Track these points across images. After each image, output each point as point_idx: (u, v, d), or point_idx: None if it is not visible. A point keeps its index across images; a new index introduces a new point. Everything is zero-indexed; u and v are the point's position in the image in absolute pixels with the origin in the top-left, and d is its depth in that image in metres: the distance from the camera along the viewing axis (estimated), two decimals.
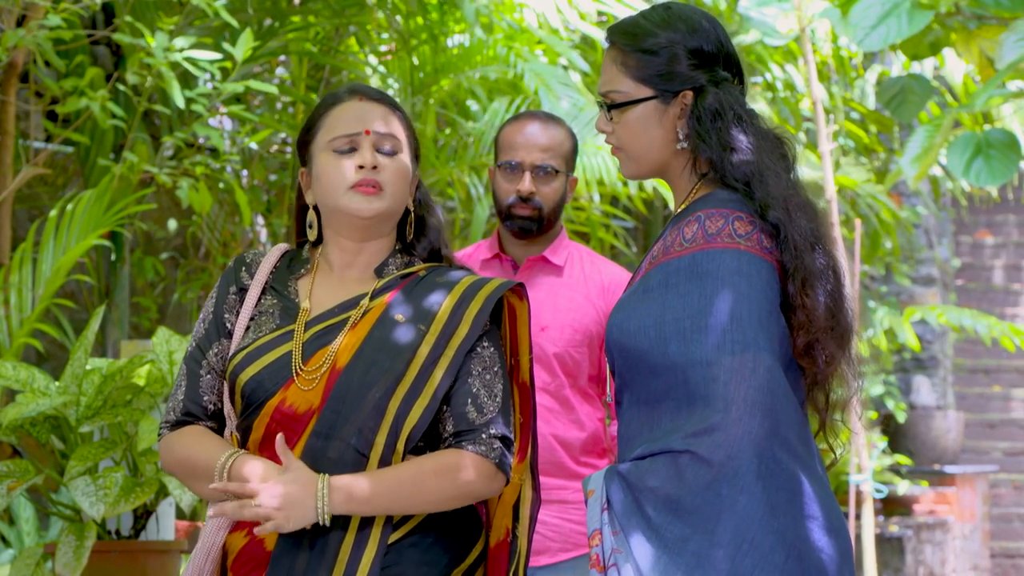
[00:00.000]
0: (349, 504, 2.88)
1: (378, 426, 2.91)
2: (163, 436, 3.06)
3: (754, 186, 2.97)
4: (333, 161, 3.03)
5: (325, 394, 2.92)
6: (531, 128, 4.34)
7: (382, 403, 2.92)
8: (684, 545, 2.80)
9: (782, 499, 2.82)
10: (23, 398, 4.61)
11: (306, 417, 2.93)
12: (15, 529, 5.54)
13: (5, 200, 5.83)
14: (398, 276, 3.06)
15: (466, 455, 2.95)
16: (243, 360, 2.98)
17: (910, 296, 13.15)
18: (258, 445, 2.97)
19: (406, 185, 3.06)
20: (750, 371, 2.82)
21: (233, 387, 3.00)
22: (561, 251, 4.38)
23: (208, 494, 2.96)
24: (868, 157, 11.08)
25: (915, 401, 13.12)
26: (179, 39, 5.85)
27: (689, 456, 2.80)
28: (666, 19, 3.04)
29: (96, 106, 5.72)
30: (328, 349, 2.96)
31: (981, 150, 5.46)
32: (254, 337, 3.02)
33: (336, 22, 7.01)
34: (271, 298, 3.07)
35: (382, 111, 3.07)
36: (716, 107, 3.01)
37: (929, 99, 6.08)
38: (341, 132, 3.03)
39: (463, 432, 2.97)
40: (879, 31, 5.55)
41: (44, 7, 5.66)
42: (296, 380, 2.94)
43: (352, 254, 3.08)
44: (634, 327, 2.92)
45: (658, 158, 3.05)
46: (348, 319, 3.00)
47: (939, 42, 5.94)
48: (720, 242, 2.91)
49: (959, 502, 12.35)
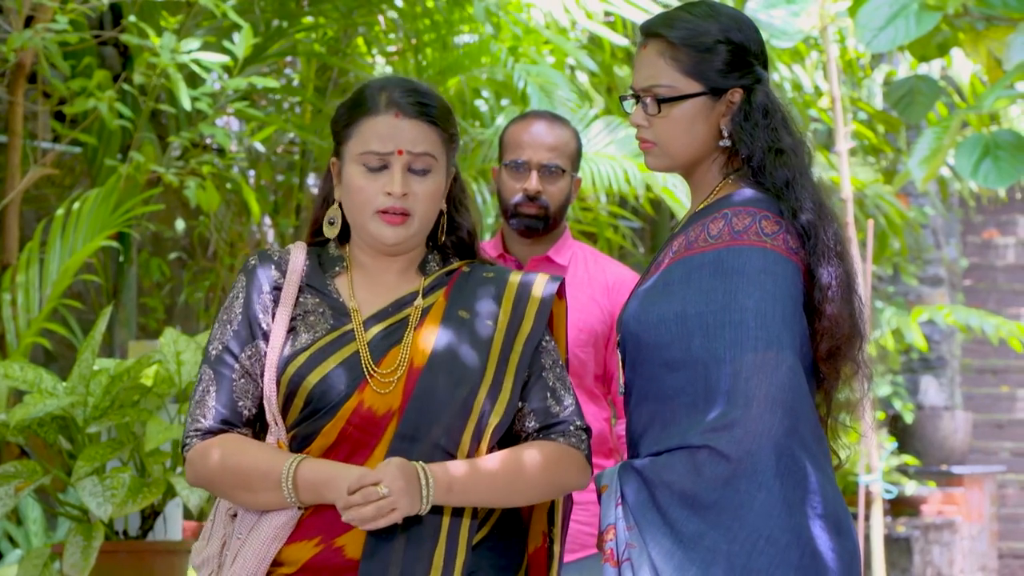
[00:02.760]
0: (449, 492, 2.77)
1: (464, 425, 2.82)
2: (192, 445, 2.87)
3: (792, 188, 2.98)
4: (362, 178, 2.91)
5: (405, 395, 2.82)
6: (537, 127, 4.36)
7: (468, 402, 2.83)
8: (700, 541, 2.80)
9: (798, 497, 2.83)
10: (31, 399, 4.61)
11: (386, 419, 2.82)
12: (23, 529, 5.54)
13: (13, 201, 5.83)
14: (443, 273, 2.99)
15: (560, 447, 2.88)
16: (308, 361, 2.85)
17: (918, 296, 13.13)
18: (325, 451, 2.83)
19: (437, 203, 2.96)
20: (772, 368, 2.83)
21: (294, 391, 2.85)
22: (565, 251, 4.39)
23: (264, 504, 2.81)
24: (876, 157, 11.07)
25: (923, 401, 13.10)
26: (186, 40, 5.86)
27: (707, 451, 2.80)
28: (714, 15, 3.02)
29: (103, 107, 5.72)
30: (399, 349, 2.87)
31: (989, 151, 5.45)
32: (312, 338, 2.88)
33: (344, 23, 7.01)
34: (312, 297, 2.94)
35: (417, 127, 2.92)
36: (767, 106, 3.02)
37: (937, 100, 6.07)
38: (373, 148, 2.90)
39: (551, 425, 2.89)
40: (887, 32, 5.54)
41: (52, 8, 5.66)
42: (370, 382, 2.83)
43: (386, 260, 2.98)
44: (653, 320, 2.92)
45: (696, 154, 3.04)
46: (407, 317, 2.91)
47: (947, 43, 5.93)
48: (747, 240, 2.91)
49: (967, 502, 12.33)
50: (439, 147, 2.94)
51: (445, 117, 2.98)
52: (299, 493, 2.77)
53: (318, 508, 2.80)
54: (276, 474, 2.77)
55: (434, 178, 2.93)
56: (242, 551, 2.83)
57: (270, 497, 2.79)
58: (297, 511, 2.81)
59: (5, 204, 5.82)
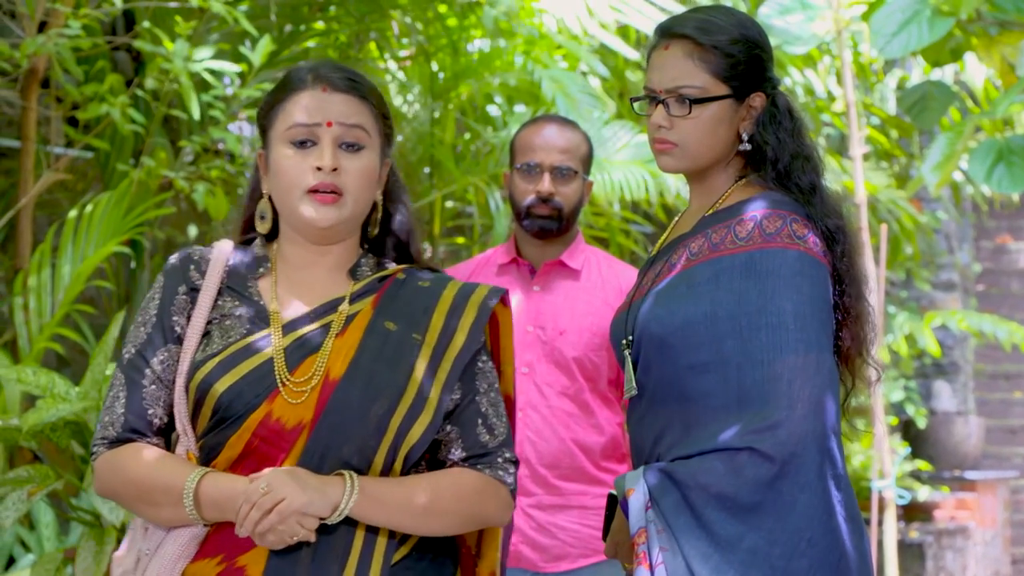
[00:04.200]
0: (369, 506, 2.60)
1: (378, 444, 2.65)
2: (99, 455, 2.71)
3: (817, 192, 3.00)
4: (289, 156, 2.74)
5: (318, 408, 2.64)
6: (549, 130, 4.37)
7: (384, 419, 2.65)
8: (738, 543, 2.81)
9: (836, 499, 2.84)
10: (43, 403, 4.62)
11: (295, 432, 2.64)
12: (35, 534, 5.54)
13: (26, 205, 5.84)
14: (375, 279, 2.81)
15: (483, 479, 2.73)
16: (217, 368, 2.68)
17: (930, 301, 13.11)
18: (232, 464, 2.66)
19: (371, 185, 2.78)
20: (814, 371, 2.84)
21: (202, 399, 2.68)
22: (578, 255, 4.40)
23: (166, 520, 2.65)
24: (888, 162, 11.05)
25: (935, 406, 13.07)
26: (199, 47, 5.86)
27: (749, 453, 2.81)
28: (736, 19, 3.04)
29: (116, 112, 5.73)
30: (316, 358, 2.69)
31: (1003, 156, 5.45)
32: (224, 343, 2.71)
33: (356, 28, 7.01)
34: (231, 300, 2.77)
35: (347, 100, 2.76)
36: (789, 110, 3.04)
37: (950, 105, 6.07)
38: (299, 120, 2.73)
39: (478, 456, 2.74)
40: (900, 38, 5.54)
41: (65, 13, 5.67)
42: (282, 391, 2.65)
43: (316, 254, 2.81)
44: (679, 322, 2.92)
45: (715, 156, 3.04)
46: (330, 324, 2.73)
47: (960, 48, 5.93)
48: (780, 242, 2.92)
49: (980, 508, 12.30)
50: (371, 123, 2.77)
51: (377, 97, 2.81)
52: (201, 509, 2.62)
53: (221, 524, 2.65)
54: (178, 489, 2.61)
55: (367, 156, 2.76)
56: (150, 568, 2.69)
57: (173, 512, 2.64)
58: (203, 528, 2.66)
59: (18, 209, 5.83)
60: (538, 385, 4.31)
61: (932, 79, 6.78)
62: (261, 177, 2.83)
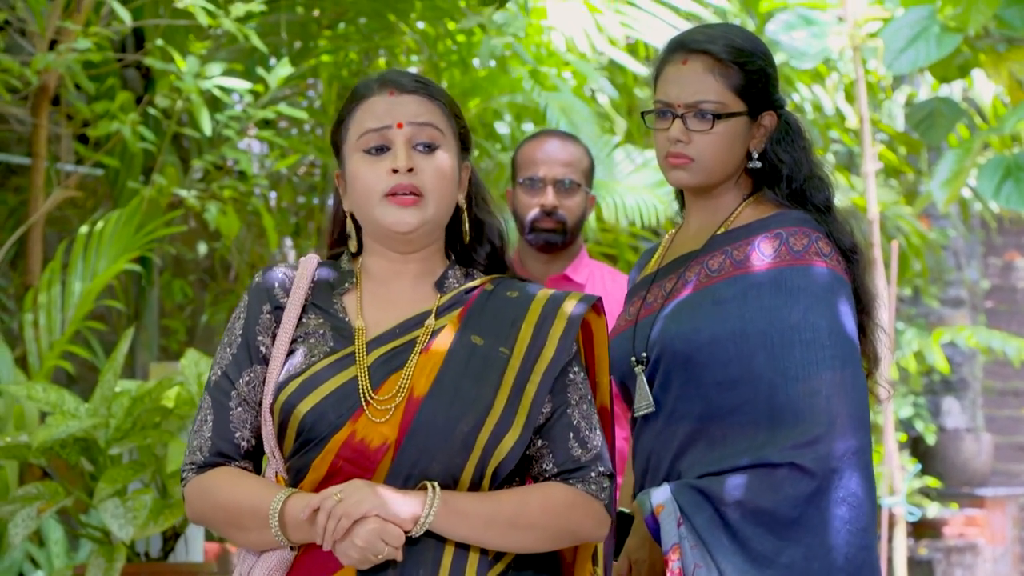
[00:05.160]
0: (454, 518, 2.51)
1: (465, 462, 2.55)
2: (189, 480, 2.66)
3: (832, 210, 3.02)
4: (364, 164, 2.66)
5: (403, 427, 2.55)
6: (550, 144, 4.39)
7: (471, 438, 2.55)
8: (776, 558, 2.81)
9: (871, 515, 2.86)
10: (53, 420, 4.63)
11: (380, 452, 2.55)
12: (45, 551, 5.55)
13: (36, 222, 5.86)
14: (463, 291, 2.70)
15: (576, 493, 2.60)
16: (299, 388, 2.60)
17: (939, 318, 13.10)
18: (318, 485, 2.58)
19: (451, 185, 2.68)
20: (851, 387, 2.86)
21: (286, 421, 2.61)
22: (582, 269, 4.41)
23: (255, 544, 2.60)
24: (896, 178, 11.05)
25: (944, 423, 13.07)
26: (209, 64, 5.88)
27: (789, 468, 2.81)
28: (752, 39, 3.05)
29: (126, 129, 5.75)
30: (401, 375, 2.59)
31: (1011, 173, 5.46)
32: (307, 362, 2.63)
33: (365, 45, 7.03)
34: (316, 317, 2.68)
35: (417, 100, 2.67)
36: (799, 128, 3.06)
37: (958, 122, 6.08)
38: (370, 126, 2.66)
39: (570, 471, 2.61)
40: (908, 54, 5.55)
41: (75, 31, 5.69)
42: (366, 410, 2.56)
43: (400, 263, 2.71)
44: (705, 339, 2.91)
45: (727, 172, 3.04)
46: (415, 340, 2.63)
47: (968, 64, 5.94)
48: (808, 259, 2.93)
49: (989, 525, 12.29)
50: (444, 122, 2.69)
51: (447, 97, 2.73)
52: (287, 531, 2.55)
53: (309, 547, 2.57)
54: (264, 511, 2.55)
55: (443, 155, 2.67)
56: None
57: (260, 536, 2.57)
58: (290, 551, 2.59)
59: (28, 226, 5.85)
60: None
61: (940, 96, 6.78)
62: (341, 198, 2.75)
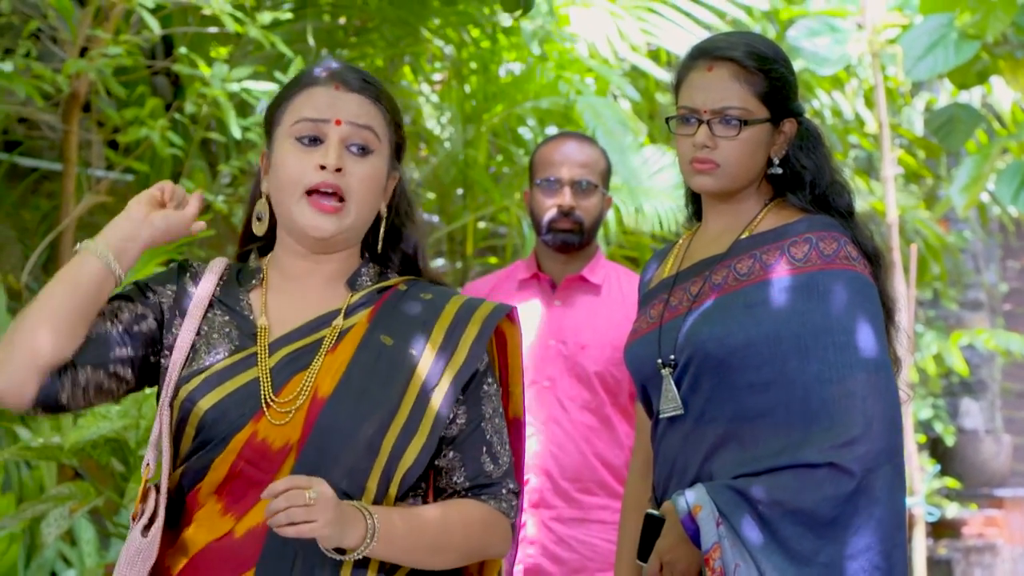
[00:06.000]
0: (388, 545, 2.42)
1: (370, 467, 2.46)
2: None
3: (854, 215, 3.06)
4: (292, 152, 2.56)
5: (306, 428, 2.46)
6: (568, 146, 4.43)
7: (376, 440, 2.46)
8: (815, 557, 2.85)
9: (904, 514, 2.91)
10: (84, 421, 4.68)
11: (282, 453, 2.46)
12: (76, 550, 5.61)
13: (67, 227, 5.91)
14: (375, 290, 2.62)
15: (490, 511, 2.56)
16: (201, 385, 2.51)
17: (958, 320, 13.12)
18: (217, 487, 2.49)
19: (376, 193, 2.59)
20: (884, 388, 2.90)
21: (186, 417, 2.50)
22: (599, 270, 4.45)
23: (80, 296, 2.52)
24: (916, 183, 11.08)
25: (963, 425, 13.08)
26: (236, 69, 5.94)
27: (829, 468, 2.84)
28: (774, 46, 3.09)
29: (156, 135, 5.81)
30: (304, 375, 2.50)
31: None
32: (211, 359, 2.53)
33: (390, 52, 7.09)
34: (221, 314, 2.58)
35: (360, 101, 2.58)
36: (818, 135, 3.11)
37: (977, 127, 6.11)
38: (307, 115, 2.56)
39: (482, 486, 2.56)
40: (927, 61, 5.60)
41: (105, 39, 5.76)
42: (267, 412, 2.47)
43: (312, 262, 2.61)
44: (738, 342, 2.94)
45: (750, 178, 3.09)
46: (322, 340, 2.54)
47: (987, 71, 5.98)
48: (839, 264, 2.97)
49: (1008, 525, 12.30)
50: (383, 128, 2.60)
51: (391, 103, 2.65)
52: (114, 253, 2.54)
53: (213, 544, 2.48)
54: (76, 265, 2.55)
55: (375, 162, 2.58)
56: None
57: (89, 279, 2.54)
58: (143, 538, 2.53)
59: (60, 231, 5.90)
60: (560, 399, 4.36)
61: (959, 102, 6.82)
62: (262, 178, 2.65)
